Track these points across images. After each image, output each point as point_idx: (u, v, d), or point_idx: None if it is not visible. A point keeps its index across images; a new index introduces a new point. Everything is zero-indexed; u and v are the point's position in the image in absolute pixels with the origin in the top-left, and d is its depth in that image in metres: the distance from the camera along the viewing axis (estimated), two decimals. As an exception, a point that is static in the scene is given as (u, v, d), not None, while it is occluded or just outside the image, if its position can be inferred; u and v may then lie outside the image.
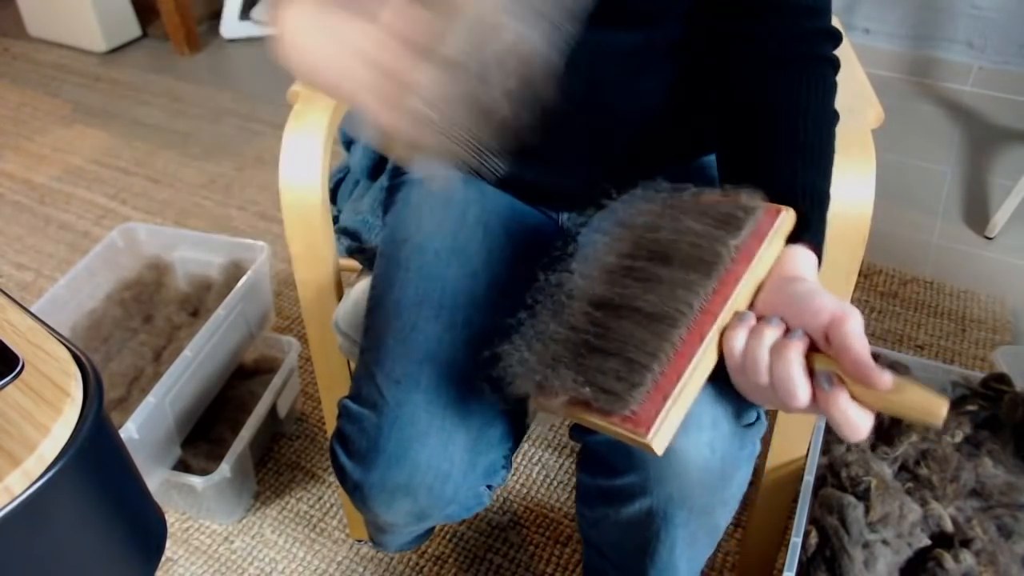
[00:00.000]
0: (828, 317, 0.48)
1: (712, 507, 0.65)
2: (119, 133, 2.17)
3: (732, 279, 0.53)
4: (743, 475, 0.65)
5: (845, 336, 0.47)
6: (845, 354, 0.47)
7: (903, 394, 0.46)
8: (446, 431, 0.66)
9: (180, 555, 1.17)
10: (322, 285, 0.88)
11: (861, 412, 0.47)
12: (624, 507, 0.67)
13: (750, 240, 0.54)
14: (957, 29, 2.17)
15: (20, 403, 0.41)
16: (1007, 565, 0.80)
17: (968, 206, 1.79)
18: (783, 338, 0.50)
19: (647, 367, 0.50)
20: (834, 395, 0.47)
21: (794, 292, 0.52)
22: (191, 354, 1.09)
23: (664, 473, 0.62)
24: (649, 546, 0.68)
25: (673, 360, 0.51)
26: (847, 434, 0.47)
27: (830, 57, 0.66)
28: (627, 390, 0.50)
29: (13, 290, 1.65)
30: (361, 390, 0.70)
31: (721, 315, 0.52)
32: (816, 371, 0.49)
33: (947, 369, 1.03)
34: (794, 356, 0.49)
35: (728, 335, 0.52)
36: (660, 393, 0.50)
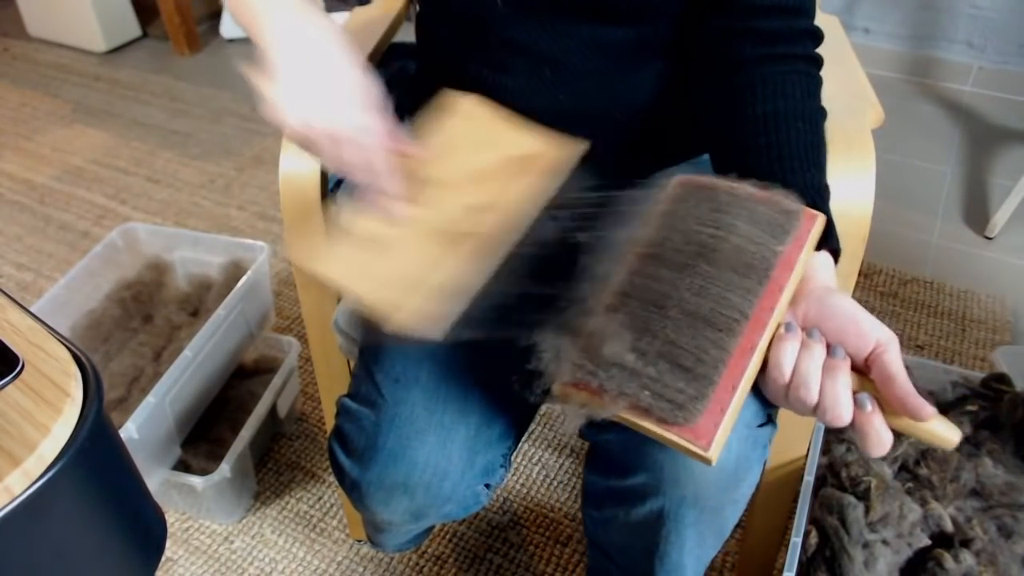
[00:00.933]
0: (875, 343, 0.50)
1: (722, 507, 0.65)
2: (119, 133, 2.17)
3: (776, 287, 0.53)
4: (754, 476, 0.65)
5: (889, 365, 0.49)
6: (890, 384, 0.49)
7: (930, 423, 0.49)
8: (444, 429, 0.66)
9: (180, 555, 1.17)
10: (322, 285, 0.88)
11: (888, 431, 0.50)
12: (635, 507, 0.67)
13: (793, 246, 0.54)
14: (957, 29, 2.17)
15: (20, 403, 0.41)
16: (1007, 565, 0.80)
17: (968, 206, 1.79)
18: (831, 359, 0.51)
19: (709, 379, 0.50)
20: (873, 416, 0.49)
21: (836, 307, 0.52)
22: (191, 354, 1.09)
23: (679, 474, 0.61)
24: (659, 547, 0.68)
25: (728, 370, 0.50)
26: (873, 450, 0.50)
27: (814, 55, 0.67)
28: (690, 402, 0.49)
29: (13, 290, 1.65)
30: (360, 388, 0.70)
31: (769, 324, 0.52)
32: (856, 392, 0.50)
33: (947, 369, 1.02)
34: (844, 379, 0.50)
35: (778, 347, 0.52)
36: (718, 405, 0.50)
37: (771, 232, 0.54)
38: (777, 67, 0.64)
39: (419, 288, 0.57)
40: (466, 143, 0.66)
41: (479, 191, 0.63)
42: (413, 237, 0.61)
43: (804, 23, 0.67)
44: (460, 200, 0.62)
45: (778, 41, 0.65)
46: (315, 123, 0.57)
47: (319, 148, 0.59)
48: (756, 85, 0.64)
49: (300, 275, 0.87)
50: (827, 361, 0.51)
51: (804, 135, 0.62)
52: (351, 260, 0.60)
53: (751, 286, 0.52)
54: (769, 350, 0.52)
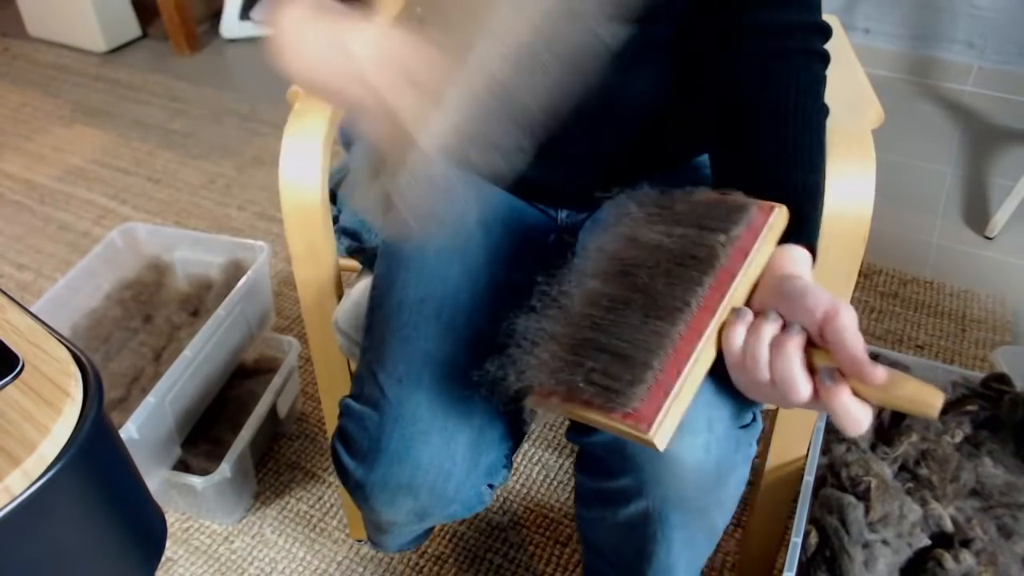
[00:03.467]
0: (822, 313, 0.49)
1: (708, 508, 0.65)
2: (119, 133, 2.17)
3: (728, 276, 0.53)
4: (739, 476, 0.65)
5: (838, 331, 0.48)
6: (840, 350, 0.48)
7: (900, 387, 0.47)
8: (448, 430, 0.66)
9: (180, 555, 1.17)
10: (322, 285, 0.88)
11: (861, 406, 0.48)
12: (621, 509, 0.67)
13: (745, 237, 0.54)
14: (957, 29, 2.17)
15: (20, 403, 0.41)
16: (1007, 565, 0.80)
17: (968, 206, 1.79)
18: (782, 334, 0.50)
19: (647, 364, 0.51)
20: (836, 390, 0.48)
21: (789, 289, 0.52)
22: (191, 354, 1.09)
23: (660, 475, 0.62)
24: (647, 547, 0.68)
25: (672, 356, 0.51)
26: (848, 427, 0.48)
27: (819, 51, 0.66)
28: (628, 387, 0.50)
29: (13, 290, 1.65)
30: (363, 389, 0.70)
31: (719, 311, 0.52)
32: (817, 366, 0.50)
33: (947, 369, 1.03)
34: (793, 351, 0.49)
35: (727, 331, 0.52)
36: (661, 389, 0.50)
37: (719, 228, 0.55)
38: (772, 62, 0.64)
39: None
40: None
41: None
42: None
43: (806, 17, 0.65)
44: None
45: (775, 35, 0.64)
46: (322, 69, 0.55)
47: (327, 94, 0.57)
48: (747, 79, 0.64)
49: (300, 275, 0.87)
50: (777, 336, 0.50)
51: (791, 132, 0.62)
52: None
53: (695, 276, 0.53)
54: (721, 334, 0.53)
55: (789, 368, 0.49)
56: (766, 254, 0.55)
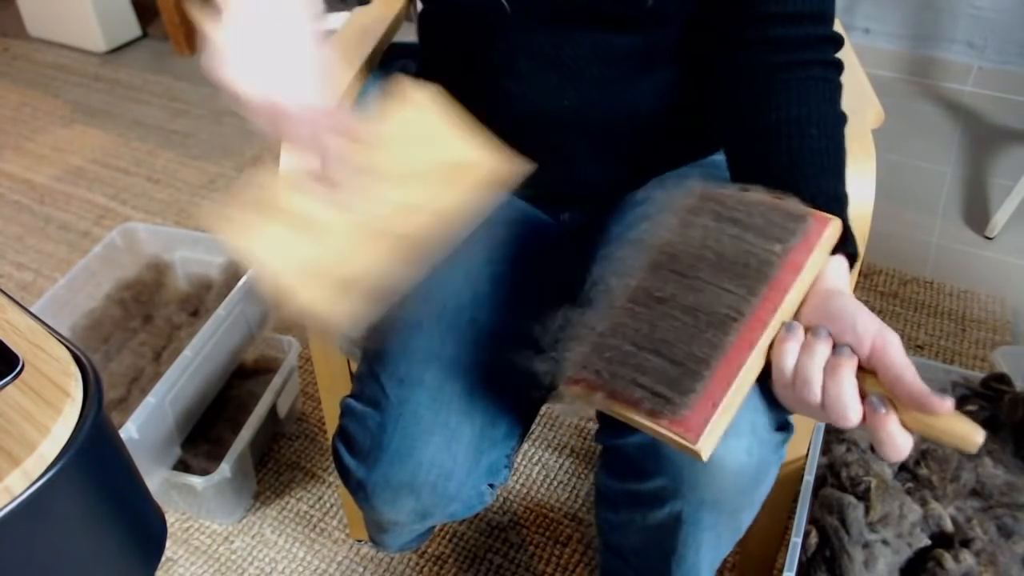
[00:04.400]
0: (871, 342, 0.49)
1: (741, 510, 0.65)
2: (119, 133, 2.17)
3: (781, 288, 0.53)
4: (771, 478, 0.65)
5: (893, 364, 0.48)
6: (898, 383, 0.48)
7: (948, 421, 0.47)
8: (450, 429, 0.66)
9: (180, 555, 1.17)
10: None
11: (905, 434, 0.48)
12: (652, 511, 0.67)
13: (800, 248, 0.54)
14: (957, 29, 2.17)
15: (20, 403, 0.41)
16: (1007, 565, 0.80)
17: (968, 206, 1.79)
18: (834, 357, 0.50)
19: (699, 373, 0.50)
20: (887, 418, 0.48)
21: (837, 308, 0.52)
22: (191, 354, 1.09)
23: (699, 477, 0.61)
24: (676, 549, 0.68)
25: (722, 366, 0.51)
26: (890, 455, 0.48)
27: (834, 61, 0.67)
28: (678, 394, 0.50)
29: (13, 290, 1.65)
30: (364, 389, 0.70)
31: (771, 324, 0.52)
32: (868, 392, 0.49)
33: (947, 369, 1.03)
34: (847, 377, 0.49)
35: (779, 348, 0.52)
36: (709, 399, 0.50)
37: (776, 236, 0.54)
38: (794, 74, 0.64)
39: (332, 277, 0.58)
40: (411, 137, 0.65)
41: (415, 190, 0.62)
42: (340, 225, 0.60)
43: (823, 30, 0.66)
44: (394, 195, 0.62)
45: (796, 48, 0.65)
46: (258, 90, 0.55)
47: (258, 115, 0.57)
48: (772, 92, 0.64)
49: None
50: (830, 359, 0.50)
51: (819, 141, 0.62)
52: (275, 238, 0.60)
53: (750, 286, 0.53)
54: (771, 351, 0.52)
55: (842, 394, 0.49)
56: (818, 266, 0.54)
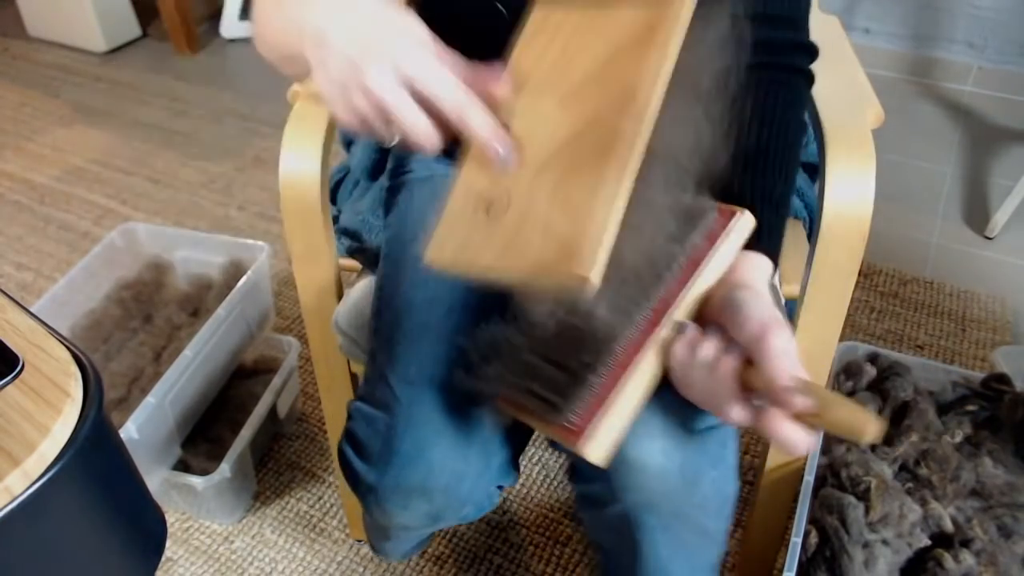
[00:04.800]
0: (752, 333, 0.48)
1: (684, 511, 0.64)
2: (119, 133, 2.17)
3: (678, 285, 0.52)
4: (714, 478, 0.64)
5: (765, 354, 0.46)
6: (763, 374, 0.46)
7: (831, 413, 0.45)
8: (460, 430, 0.66)
9: (180, 555, 1.17)
10: (322, 285, 0.88)
11: (796, 429, 0.46)
12: (602, 512, 0.68)
13: (701, 244, 0.53)
14: (957, 29, 2.17)
15: (20, 403, 0.41)
16: (1007, 565, 0.80)
17: (968, 206, 1.79)
18: (718, 355, 0.49)
19: (585, 379, 0.50)
20: (767, 414, 0.46)
21: (732, 301, 0.50)
22: (191, 354, 1.09)
23: (625, 481, 0.62)
24: (636, 548, 0.68)
25: (613, 370, 0.51)
26: (786, 451, 0.47)
27: (803, 69, 0.66)
28: (565, 401, 0.50)
29: (13, 290, 1.65)
30: (373, 391, 0.69)
31: (661, 324, 0.51)
32: (754, 389, 0.48)
33: (947, 369, 1.02)
34: (725, 374, 0.48)
35: (666, 346, 0.51)
36: (598, 403, 0.50)
37: (674, 235, 0.53)
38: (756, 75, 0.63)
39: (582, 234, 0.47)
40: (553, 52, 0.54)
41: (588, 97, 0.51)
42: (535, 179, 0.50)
43: (792, 35, 0.66)
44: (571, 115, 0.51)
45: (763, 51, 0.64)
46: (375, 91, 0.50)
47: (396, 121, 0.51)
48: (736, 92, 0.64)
49: (300, 275, 0.87)
50: (712, 358, 0.49)
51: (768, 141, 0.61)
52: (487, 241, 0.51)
53: (645, 290, 0.52)
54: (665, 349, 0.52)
55: (718, 391, 0.48)
56: (725, 261, 0.53)
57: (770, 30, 0.65)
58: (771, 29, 0.65)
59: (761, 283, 0.54)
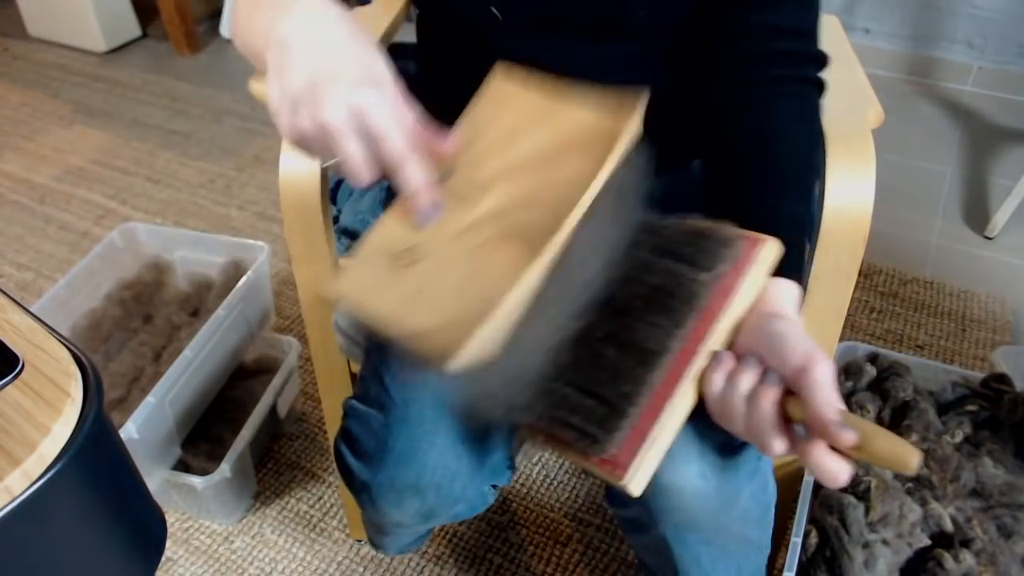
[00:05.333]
0: (796, 365, 0.47)
1: (725, 525, 0.65)
2: (119, 133, 2.17)
3: (710, 317, 0.51)
4: (751, 491, 0.64)
5: (808, 388, 0.46)
6: (809, 408, 0.46)
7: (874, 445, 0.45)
8: (454, 430, 0.66)
9: (180, 555, 1.17)
10: (322, 285, 0.88)
11: (837, 461, 0.46)
12: (642, 535, 0.69)
13: (730, 274, 0.52)
14: (957, 29, 2.17)
15: (20, 403, 0.41)
16: (1007, 565, 0.80)
17: (968, 206, 1.79)
18: (759, 385, 0.49)
19: (624, 411, 0.50)
20: (809, 447, 0.46)
21: (769, 331, 0.50)
22: (191, 354, 1.09)
23: (663, 505, 0.62)
24: (678, 567, 0.69)
25: (651, 401, 0.50)
26: (824, 482, 0.46)
27: (814, 79, 0.65)
28: (605, 433, 0.50)
29: (13, 290, 1.65)
30: (368, 390, 0.70)
31: (698, 354, 0.51)
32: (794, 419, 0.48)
33: (947, 369, 1.02)
34: (767, 406, 0.48)
35: (706, 378, 0.51)
36: (638, 435, 0.49)
37: (705, 264, 0.53)
38: (768, 90, 0.63)
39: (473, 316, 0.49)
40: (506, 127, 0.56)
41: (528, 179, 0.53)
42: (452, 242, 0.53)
43: (802, 45, 0.66)
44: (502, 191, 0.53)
45: (773, 63, 0.64)
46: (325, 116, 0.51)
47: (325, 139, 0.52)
48: (744, 107, 0.64)
49: (300, 275, 0.87)
50: (754, 388, 0.49)
51: (785, 160, 0.61)
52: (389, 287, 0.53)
53: (678, 319, 0.52)
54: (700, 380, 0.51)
55: (760, 423, 0.48)
56: (754, 289, 0.53)
57: (780, 42, 0.64)
58: (781, 41, 0.64)
59: (792, 310, 0.54)
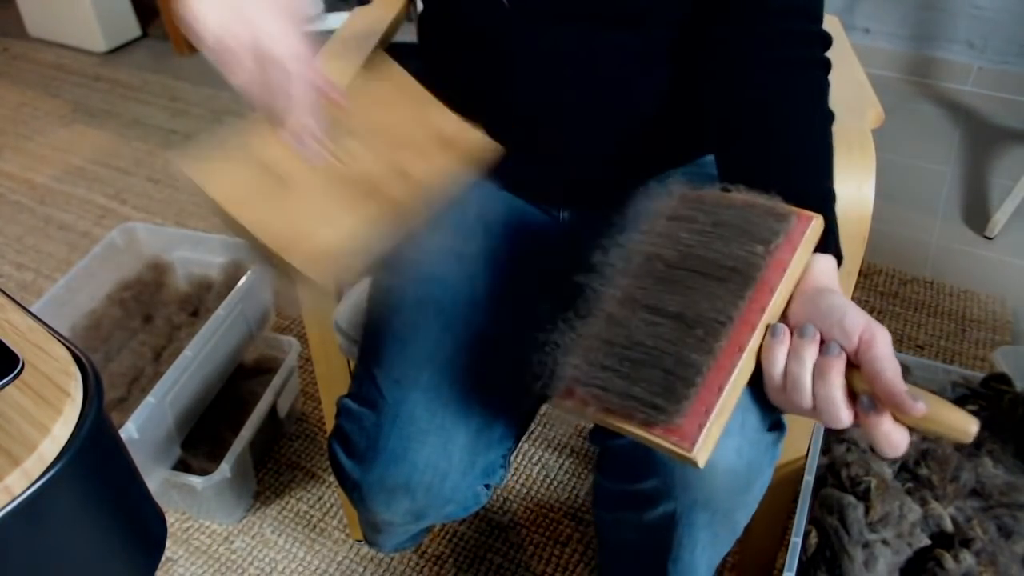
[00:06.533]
0: (858, 338, 0.48)
1: (734, 510, 0.65)
2: (119, 133, 2.17)
3: (767, 289, 0.52)
4: (765, 478, 0.65)
5: (874, 361, 0.47)
6: (877, 381, 0.47)
7: (939, 414, 0.46)
8: (445, 430, 0.67)
9: (180, 555, 1.17)
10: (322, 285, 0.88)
11: (901, 431, 0.47)
12: (647, 511, 0.67)
13: (784, 247, 0.53)
14: (957, 29, 2.17)
15: (20, 403, 0.41)
16: (1007, 565, 0.80)
17: (968, 206, 1.79)
18: (823, 357, 0.49)
19: (690, 379, 0.50)
20: (876, 418, 0.47)
21: (826, 306, 0.51)
22: (191, 354, 1.09)
23: (690, 478, 0.61)
24: (671, 548, 0.68)
25: (713, 371, 0.50)
26: (887, 453, 0.48)
27: (821, 59, 0.66)
28: (672, 403, 0.49)
29: (13, 290, 1.65)
30: (361, 389, 0.70)
31: (759, 325, 0.51)
32: (858, 392, 0.49)
33: (947, 369, 1.02)
34: (836, 378, 0.49)
35: (767, 353, 0.51)
36: (702, 405, 0.49)
37: (759, 236, 0.54)
38: (780, 71, 0.64)
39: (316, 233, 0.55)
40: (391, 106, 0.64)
41: (397, 155, 0.61)
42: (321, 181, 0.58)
43: (810, 27, 0.67)
44: (377, 158, 0.60)
45: (781, 44, 0.65)
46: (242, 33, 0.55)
47: (238, 63, 0.56)
48: (758, 90, 0.64)
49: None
50: (819, 361, 0.49)
51: (805, 140, 0.62)
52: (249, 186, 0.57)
53: (736, 289, 0.52)
54: (760, 354, 0.52)
55: (831, 396, 0.49)
56: (802, 264, 0.54)
57: (787, 23, 0.65)
58: (788, 22, 0.65)
59: (836, 284, 0.55)
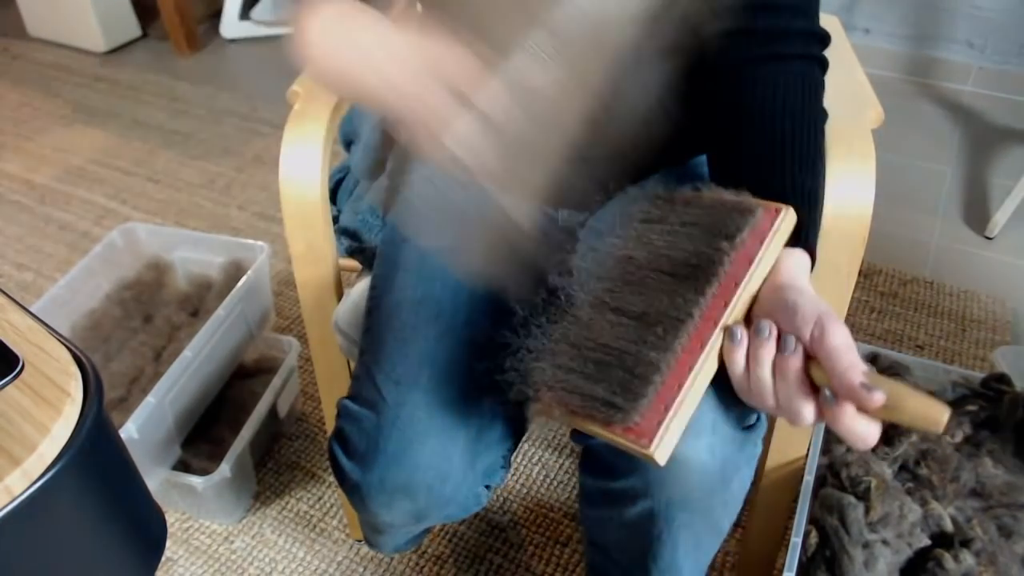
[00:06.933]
0: (811, 331, 0.48)
1: (712, 508, 0.65)
2: (119, 133, 2.17)
3: (732, 284, 0.52)
4: (743, 476, 0.65)
5: (827, 353, 0.47)
6: (832, 374, 0.46)
7: (903, 404, 0.45)
8: (446, 431, 0.66)
9: (180, 555, 1.17)
10: (322, 285, 0.88)
11: (866, 423, 0.47)
12: (626, 509, 0.67)
13: (750, 242, 0.53)
14: (957, 29, 2.17)
15: (20, 403, 0.41)
16: (1007, 565, 0.80)
17: (968, 206, 1.79)
18: (780, 356, 0.49)
19: (648, 378, 0.50)
20: (838, 411, 0.47)
21: (783, 300, 0.51)
22: (191, 354, 1.09)
23: (664, 477, 0.62)
24: (652, 546, 0.68)
25: (674, 369, 0.50)
26: (854, 444, 0.47)
27: (817, 56, 0.66)
28: (628, 401, 0.50)
29: (13, 290, 1.65)
30: (361, 390, 0.70)
31: (721, 322, 0.51)
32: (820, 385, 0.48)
33: (947, 369, 1.02)
34: (793, 376, 0.48)
35: (726, 355, 0.51)
36: (661, 403, 0.49)
37: (724, 232, 0.54)
38: (770, 66, 0.64)
39: None
40: None
41: None
42: None
43: (802, 23, 0.66)
44: None
45: (775, 41, 0.65)
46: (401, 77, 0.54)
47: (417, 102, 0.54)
48: (746, 84, 0.64)
49: (300, 275, 0.87)
50: (777, 360, 0.49)
51: (791, 135, 0.62)
52: None
53: (699, 287, 0.52)
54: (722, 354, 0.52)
55: (791, 395, 0.48)
56: (772, 257, 0.54)
57: (781, 19, 0.65)
58: (782, 18, 0.65)
59: (804, 281, 0.55)
